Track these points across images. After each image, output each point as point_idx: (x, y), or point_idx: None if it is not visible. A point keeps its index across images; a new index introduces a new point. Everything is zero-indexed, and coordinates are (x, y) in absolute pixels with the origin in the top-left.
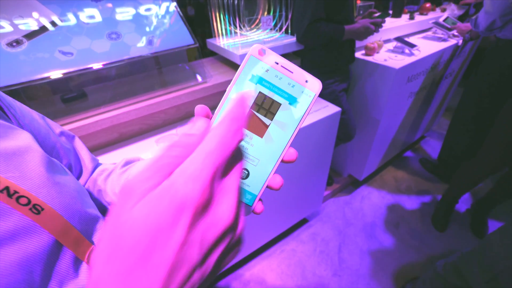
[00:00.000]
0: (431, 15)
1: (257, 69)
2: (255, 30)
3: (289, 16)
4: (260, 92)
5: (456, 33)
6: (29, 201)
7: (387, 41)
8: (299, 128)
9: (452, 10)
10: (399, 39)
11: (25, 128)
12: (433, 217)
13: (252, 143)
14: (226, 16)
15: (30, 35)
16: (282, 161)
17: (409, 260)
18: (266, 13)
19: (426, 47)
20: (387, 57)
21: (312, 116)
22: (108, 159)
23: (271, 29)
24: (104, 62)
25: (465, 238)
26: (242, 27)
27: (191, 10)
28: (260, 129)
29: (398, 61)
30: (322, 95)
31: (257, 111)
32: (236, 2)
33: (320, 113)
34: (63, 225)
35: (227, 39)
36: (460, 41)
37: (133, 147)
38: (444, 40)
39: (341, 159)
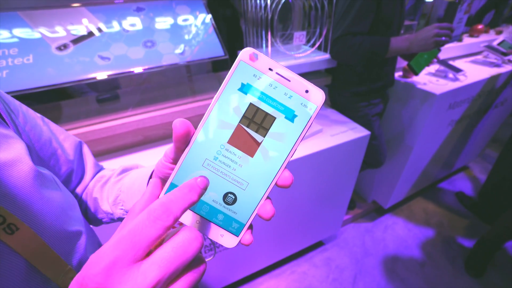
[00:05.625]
0: (483, 38)
1: (247, 77)
2: (287, 44)
3: (323, 33)
4: (251, 103)
5: None
6: (4, 220)
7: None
8: (296, 147)
9: (509, 33)
10: (442, 62)
11: (23, 134)
12: (467, 260)
13: (240, 163)
14: (259, 30)
15: (76, 40)
16: (276, 185)
17: None
18: (300, 29)
19: (474, 72)
20: (427, 80)
21: (338, 138)
22: (132, 160)
23: (304, 45)
24: (138, 68)
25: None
26: (274, 42)
27: None
28: (250, 147)
29: (439, 86)
30: (354, 118)
31: (247, 126)
32: (269, 16)
33: (347, 135)
34: (39, 246)
35: None
36: None
37: (156, 151)
38: (497, 65)
39: (367, 183)
